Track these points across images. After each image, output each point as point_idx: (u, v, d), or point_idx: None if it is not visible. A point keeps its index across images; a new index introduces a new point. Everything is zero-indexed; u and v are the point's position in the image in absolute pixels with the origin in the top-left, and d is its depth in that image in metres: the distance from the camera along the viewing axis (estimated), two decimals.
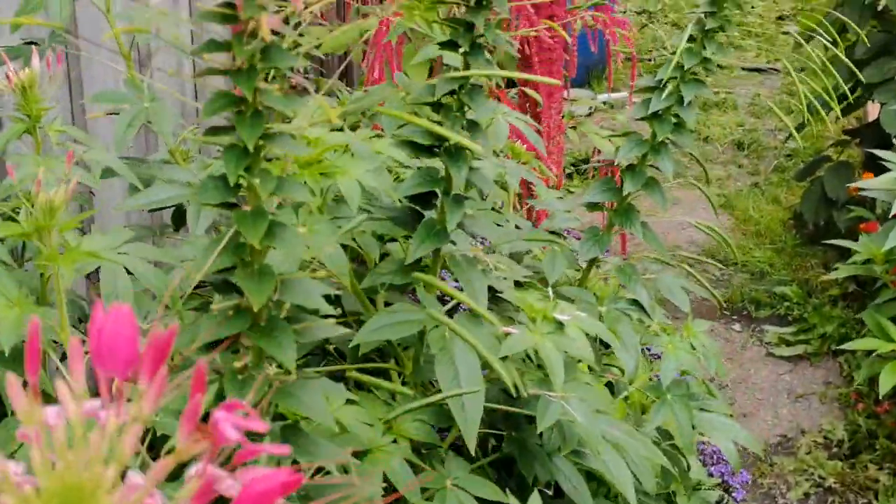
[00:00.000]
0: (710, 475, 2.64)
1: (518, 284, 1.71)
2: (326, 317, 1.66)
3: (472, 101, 1.51)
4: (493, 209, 2.27)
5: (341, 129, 1.70)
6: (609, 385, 2.27)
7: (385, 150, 1.63)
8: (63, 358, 1.26)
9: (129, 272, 1.51)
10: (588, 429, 1.54)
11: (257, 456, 0.55)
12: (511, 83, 3.34)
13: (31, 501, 0.49)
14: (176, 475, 0.56)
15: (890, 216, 2.78)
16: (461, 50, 1.52)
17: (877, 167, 3.10)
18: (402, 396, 1.52)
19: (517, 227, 2.18)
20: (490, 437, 1.84)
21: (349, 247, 1.59)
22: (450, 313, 1.80)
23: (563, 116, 3.31)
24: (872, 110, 4.51)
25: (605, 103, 5.89)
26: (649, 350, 2.41)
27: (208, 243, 1.08)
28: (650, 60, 6.77)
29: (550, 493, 1.76)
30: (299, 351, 1.43)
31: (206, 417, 0.54)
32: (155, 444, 1.27)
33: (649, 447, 1.70)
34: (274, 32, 0.98)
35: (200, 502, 0.53)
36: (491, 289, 1.60)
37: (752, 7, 8.09)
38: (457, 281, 1.59)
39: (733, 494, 2.63)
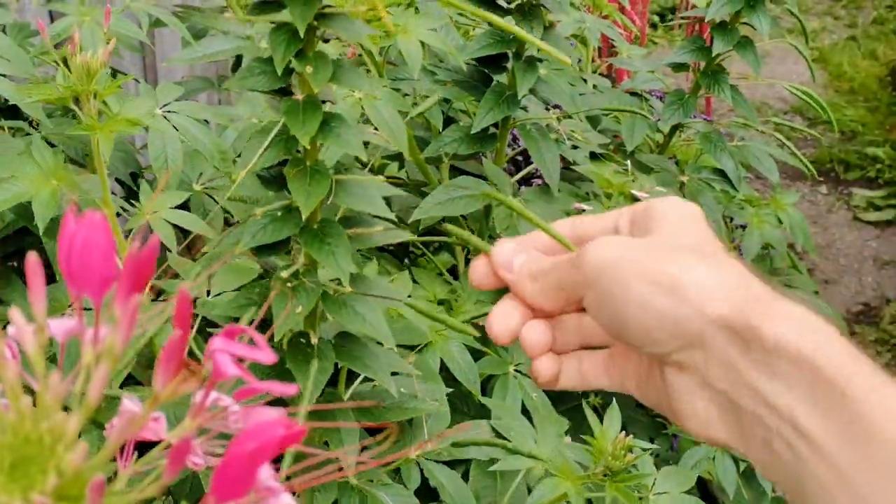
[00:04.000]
0: None
1: (595, 157, 1.58)
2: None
3: None
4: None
5: None
6: None
7: (455, 4, 1.49)
8: None
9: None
10: None
11: (258, 395, 0.45)
12: None
13: None
14: None
15: None
16: None
17: None
18: (463, 275, 1.42)
19: (595, 86, 2.04)
20: None
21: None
22: (522, 182, 1.68)
23: None
24: None
25: None
26: (732, 220, 2.28)
27: (255, 131, 0.95)
28: None
29: None
30: None
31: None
32: None
33: None
34: None
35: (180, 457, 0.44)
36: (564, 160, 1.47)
37: None
38: (527, 151, 1.46)
39: None
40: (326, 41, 0.97)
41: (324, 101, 0.96)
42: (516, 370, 1.38)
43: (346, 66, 0.93)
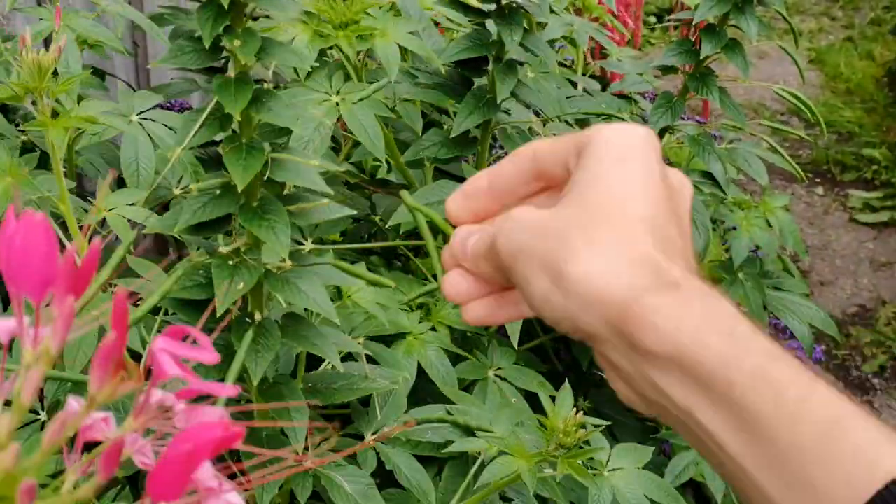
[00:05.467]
0: None
1: None
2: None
3: None
4: (560, 65, 2.11)
5: None
6: None
7: (434, 6, 1.48)
8: (64, 229, 1.17)
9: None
10: None
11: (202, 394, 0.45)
12: None
13: None
14: None
15: None
16: None
17: None
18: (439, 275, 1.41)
19: (585, 89, 2.03)
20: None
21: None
22: None
23: None
24: None
25: None
26: (723, 222, 2.28)
27: (190, 112, 0.96)
28: None
29: None
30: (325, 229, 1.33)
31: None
32: None
33: None
34: None
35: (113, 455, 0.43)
36: None
37: None
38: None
39: None
40: (255, 19, 0.98)
41: (259, 81, 0.97)
42: (496, 375, 1.37)
43: (273, 42, 0.94)
